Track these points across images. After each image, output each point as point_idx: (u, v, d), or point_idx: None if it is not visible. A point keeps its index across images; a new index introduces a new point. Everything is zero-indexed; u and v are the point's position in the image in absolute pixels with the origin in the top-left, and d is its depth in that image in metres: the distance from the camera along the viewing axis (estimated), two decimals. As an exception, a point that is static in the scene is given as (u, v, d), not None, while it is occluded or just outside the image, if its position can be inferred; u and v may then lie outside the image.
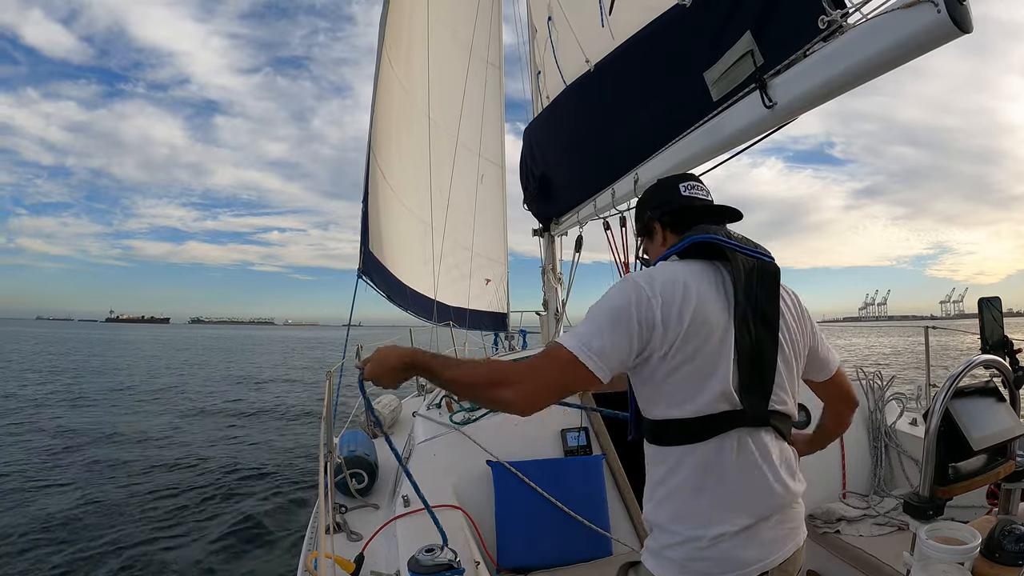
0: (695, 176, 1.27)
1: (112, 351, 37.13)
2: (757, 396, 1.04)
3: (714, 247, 1.09)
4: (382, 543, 1.87)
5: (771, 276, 1.11)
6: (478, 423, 2.30)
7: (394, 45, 5.19)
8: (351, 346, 3.80)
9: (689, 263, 1.10)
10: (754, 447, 1.04)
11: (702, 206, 1.21)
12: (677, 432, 1.03)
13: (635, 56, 2.57)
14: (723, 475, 1.01)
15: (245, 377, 20.83)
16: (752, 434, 1.03)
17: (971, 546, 1.11)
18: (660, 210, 1.24)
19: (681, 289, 1.02)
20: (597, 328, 0.99)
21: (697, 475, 1.02)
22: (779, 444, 1.09)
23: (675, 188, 1.23)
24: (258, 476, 7.07)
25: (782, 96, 1.70)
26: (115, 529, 5.17)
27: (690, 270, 1.08)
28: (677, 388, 1.02)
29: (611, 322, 0.99)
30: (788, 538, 1.07)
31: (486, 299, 7.28)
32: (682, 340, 1.00)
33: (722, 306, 1.04)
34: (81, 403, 13.30)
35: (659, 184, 1.29)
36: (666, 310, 1.00)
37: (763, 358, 1.05)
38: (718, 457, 1.01)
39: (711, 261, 1.10)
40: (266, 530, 5.22)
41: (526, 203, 4.38)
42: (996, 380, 1.35)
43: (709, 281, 1.07)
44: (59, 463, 7.60)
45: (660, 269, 1.08)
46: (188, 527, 5.26)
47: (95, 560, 4.54)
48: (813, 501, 2.41)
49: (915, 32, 1.28)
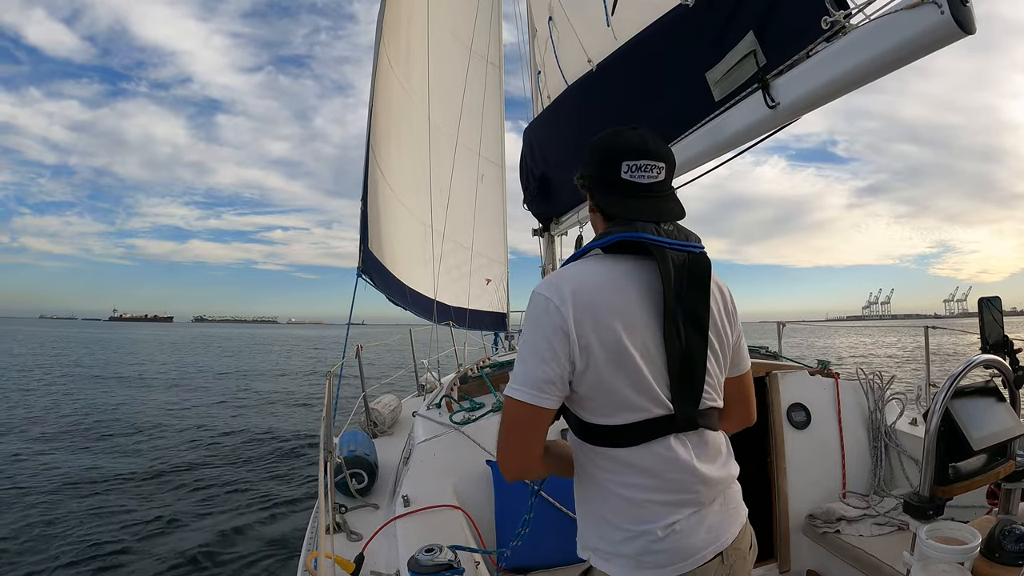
0: (650, 153, 1.05)
1: (118, 350, 37.09)
2: (687, 400, 1.01)
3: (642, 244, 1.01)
4: (382, 543, 1.86)
5: (702, 272, 1.04)
6: (478, 423, 2.29)
7: (393, 44, 5.19)
8: (351, 345, 3.80)
9: (614, 262, 1.02)
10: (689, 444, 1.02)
11: (645, 191, 1.05)
12: (607, 435, 1.01)
13: (637, 56, 2.57)
14: (659, 472, 1.00)
15: (245, 377, 20.83)
16: (683, 435, 1.02)
17: (971, 546, 1.11)
18: (592, 181, 1.10)
19: (593, 298, 0.97)
20: (530, 364, 0.97)
21: (633, 473, 1.00)
22: (709, 436, 1.06)
23: (617, 165, 1.04)
24: (258, 476, 7.07)
25: (784, 96, 1.70)
26: (114, 528, 5.17)
27: (611, 271, 1.01)
28: (602, 398, 0.99)
29: (533, 351, 0.97)
30: (733, 519, 1.07)
31: (486, 299, 7.29)
32: (599, 351, 0.96)
33: (648, 309, 0.99)
34: (80, 404, 13.28)
35: (604, 147, 1.08)
36: (579, 325, 0.95)
37: (692, 361, 1.02)
38: (652, 456, 1.00)
39: (639, 257, 1.02)
40: (266, 530, 5.22)
41: (526, 203, 4.38)
42: (996, 380, 1.35)
43: (634, 282, 1.00)
44: (59, 463, 7.59)
45: (573, 273, 1.01)
46: (187, 526, 5.26)
47: (94, 560, 4.53)
48: (813, 501, 2.41)
49: (918, 33, 1.28)
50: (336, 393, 3.22)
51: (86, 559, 4.54)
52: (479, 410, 2.42)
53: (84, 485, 6.50)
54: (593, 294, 0.97)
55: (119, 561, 4.51)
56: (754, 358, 2.98)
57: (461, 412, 2.43)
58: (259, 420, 11.19)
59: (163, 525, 5.27)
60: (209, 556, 4.63)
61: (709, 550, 1.01)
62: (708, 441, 1.06)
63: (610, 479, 1.02)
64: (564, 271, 1.03)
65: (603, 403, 0.99)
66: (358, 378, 3.62)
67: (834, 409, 2.58)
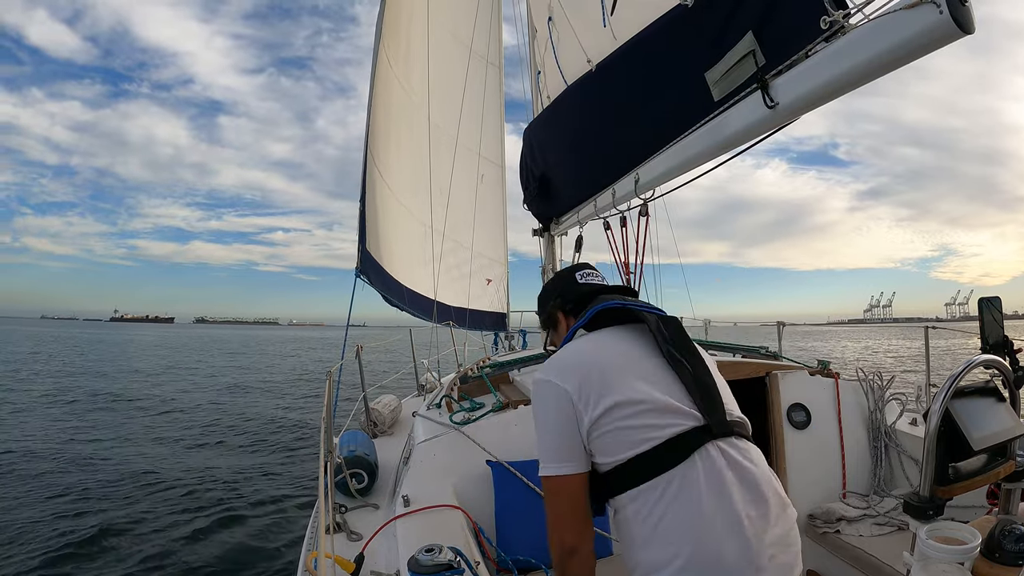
0: (589, 264, 1.43)
1: (122, 351, 37.07)
2: (714, 411, 1.08)
3: (618, 311, 1.20)
4: (382, 543, 1.86)
5: (676, 323, 1.20)
6: (478, 423, 2.29)
7: (392, 44, 5.19)
8: (351, 346, 3.80)
9: (598, 333, 1.20)
10: (731, 448, 1.04)
11: (599, 288, 1.32)
12: (646, 467, 1.02)
13: (636, 56, 2.57)
14: (713, 480, 0.99)
15: (245, 376, 20.83)
16: (721, 441, 1.04)
17: (971, 546, 1.11)
18: (562, 299, 1.35)
19: (589, 362, 1.11)
20: (549, 442, 1.09)
21: (686, 498, 0.98)
22: (748, 444, 1.10)
23: (572, 278, 1.36)
24: (258, 476, 7.07)
25: (784, 96, 1.70)
26: (113, 528, 5.16)
27: (599, 338, 1.19)
28: (631, 434, 1.04)
29: (553, 431, 1.09)
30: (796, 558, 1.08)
31: (486, 299, 7.28)
32: (611, 406, 1.05)
33: (644, 354, 1.13)
34: (79, 403, 13.28)
35: (556, 277, 1.43)
36: (583, 394, 1.06)
37: (704, 380, 1.12)
38: (696, 467, 1.00)
39: (617, 327, 1.20)
40: (266, 530, 5.22)
41: (526, 203, 4.38)
42: (996, 380, 1.35)
43: (622, 339, 1.16)
44: (57, 462, 7.59)
45: (566, 352, 1.18)
46: (187, 527, 5.25)
47: (92, 559, 4.53)
48: (813, 501, 2.41)
49: (917, 33, 1.28)
50: (336, 393, 3.22)
51: (86, 559, 4.53)
52: (479, 410, 2.41)
53: (84, 485, 6.51)
54: (588, 361, 1.11)
55: (118, 561, 4.51)
56: (754, 358, 2.99)
57: (461, 412, 2.43)
58: (259, 420, 11.19)
59: (162, 525, 5.27)
60: (209, 556, 4.63)
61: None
62: (750, 447, 1.09)
63: (659, 509, 1.00)
64: (556, 355, 1.19)
65: (633, 438, 1.04)
66: (358, 378, 3.62)
67: (834, 409, 2.58)
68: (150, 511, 5.66)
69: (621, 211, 3.12)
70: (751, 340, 3.77)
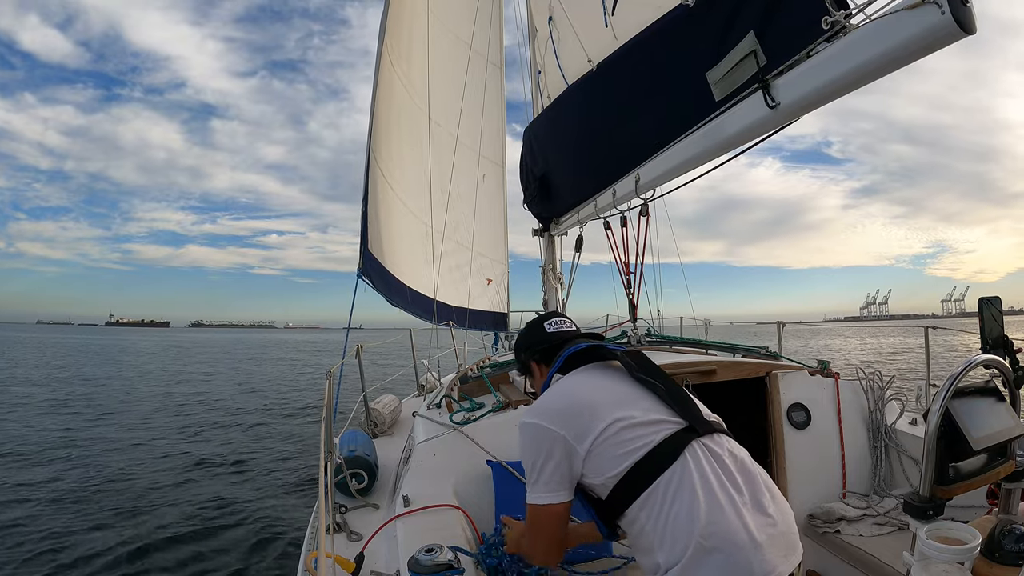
0: (558, 312, 1.54)
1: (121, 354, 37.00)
2: (692, 414, 1.17)
3: (588, 352, 1.31)
4: (382, 543, 1.86)
5: (641, 355, 1.31)
6: (478, 423, 2.29)
7: (395, 44, 5.17)
8: (350, 347, 3.80)
9: (574, 374, 1.31)
10: (715, 441, 1.13)
11: (567, 335, 1.42)
12: (649, 466, 1.09)
13: (638, 55, 2.57)
14: (701, 471, 1.07)
15: (244, 378, 20.82)
16: (706, 438, 1.13)
17: (971, 546, 1.11)
18: (532, 350, 1.46)
19: (574, 401, 1.20)
20: (539, 474, 1.16)
21: (686, 491, 1.05)
22: (729, 440, 1.18)
23: (541, 328, 1.46)
24: (258, 476, 7.07)
25: (785, 96, 1.70)
26: (113, 528, 5.17)
27: (576, 378, 1.29)
28: (619, 448, 1.12)
29: (542, 466, 1.16)
30: (793, 549, 1.12)
31: (487, 299, 7.27)
32: (602, 429, 1.13)
33: (620, 382, 1.23)
34: (78, 405, 13.28)
35: (528, 328, 1.54)
36: (573, 430, 1.14)
37: (678, 391, 1.22)
38: (689, 465, 1.07)
39: (590, 364, 1.31)
40: (266, 530, 5.21)
41: (526, 203, 4.38)
42: (996, 380, 1.35)
43: (597, 376, 1.27)
44: (56, 462, 7.59)
45: (550, 396, 1.26)
46: (187, 527, 5.25)
47: (91, 559, 4.53)
48: (813, 501, 2.41)
49: (919, 33, 1.28)
50: (336, 393, 3.22)
51: (84, 559, 4.53)
52: (479, 410, 2.41)
53: (82, 485, 6.50)
54: (573, 401, 1.20)
55: (117, 561, 4.51)
56: (754, 358, 2.99)
57: (461, 412, 2.43)
58: (258, 420, 11.19)
59: (162, 525, 5.27)
60: (209, 556, 4.63)
61: (785, 565, 1.05)
62: (731, 441, 1.17)
63: (663, 510, 1.06)
64: (541, 400, 1.28)
65: (628, 448, 1.11)
66: (358, 378, 3.62)
67: (834, 409, 2.58)
68: (150, 511, 5.66)
69: (621, 211, 3.12)
70: (748, 339, 3.78)
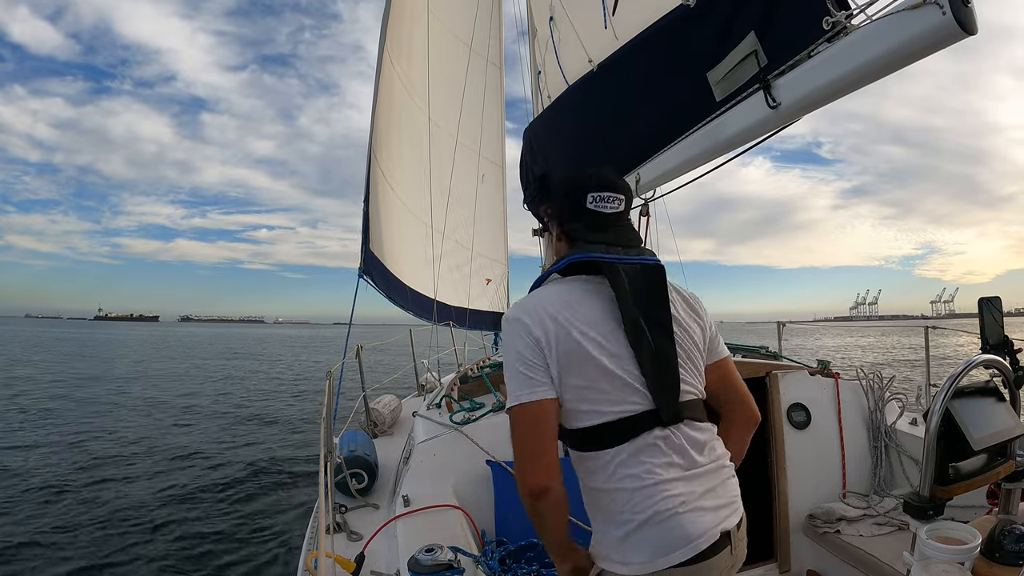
0: (612, 186, 1.18)
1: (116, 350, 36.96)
2: (668, 392, 1.07)
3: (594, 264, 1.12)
4: (382, 543, 1.87)
5: (657, 279, 1.13)
6: (478, 423, 2.29)
7: (395, 43, 5.18)
8: (352, 345, 3.80)
9: (570, 283, 1.14)
10: (676, 434, 1.07)
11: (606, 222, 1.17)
12: (596, 438, 1.06)
13: (638, 56, 2.56)
14: (650, 463, 1.04)
15: (242, 377, 20.82)
16: (669, 428, 1.06)
17: (971, 546, 1.11)
18: (558, 210, 1.23)
19: (555, 313, 1.07)
20: (517, 372, 1.06)
21: (635, 465, 1.03)
22: (696, 426, 1.11)
23: (583, 197, 1.17)
24: (258, 476, 7.07)
25: (786, 97, 1.70)
26: (113, 529, 5.16)
27: (569, 290, 1.12)
28: (583, 404, 1.06)
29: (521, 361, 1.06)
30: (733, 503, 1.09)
31: (486, 299, 7.28)
32: (567, 362, 1.05)
33: (609, 318, 1.08)
34: (78, 404, 13.27)
35: (571, 181, 1.21)
36: (546, 337, 1.05)
37: (665, 356, 1.09)
38: (641, 447, 1.04)
39: (593, 277, 1.13)
40: (266, 530, 5.21)
41: (526, 203, 4.37)
42: (996, 380, 1.35)
43: (592, 297, 1.11)
44: (56, 461, 7.59)
45: (535, 297, 1.12)
46: (187, 527, 5.25)
47: (90, 559, 4.53)
48: (813, 501, 2.41)
49: (920, 34, 1.28)
50: (336, 393, 3.23)
51: (83, 558, 4.53)
52: (479, 410, 2.41)
53: (81, 485, 6.50)
54: (555, 310, 1.08)
55: (117, 561, 4.51)
56: (754, 358, 2.99)
57: (461, 412, 2.43)
58: (257, 420, 11.19)
59: (162, 525, 5.27)
60: (209, 556, 4.63)
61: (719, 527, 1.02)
62: (695, 430, 1.10)
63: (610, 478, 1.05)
64: (527, 297, 1.15)
65: (585, 409, 1.06)
66: (358, 378, 3.62)
67: (834, 409, 2.58)
68: (149, 511, 5.66)
69: (622, 211, 3.11)
70: (739, 338, 3.78)
